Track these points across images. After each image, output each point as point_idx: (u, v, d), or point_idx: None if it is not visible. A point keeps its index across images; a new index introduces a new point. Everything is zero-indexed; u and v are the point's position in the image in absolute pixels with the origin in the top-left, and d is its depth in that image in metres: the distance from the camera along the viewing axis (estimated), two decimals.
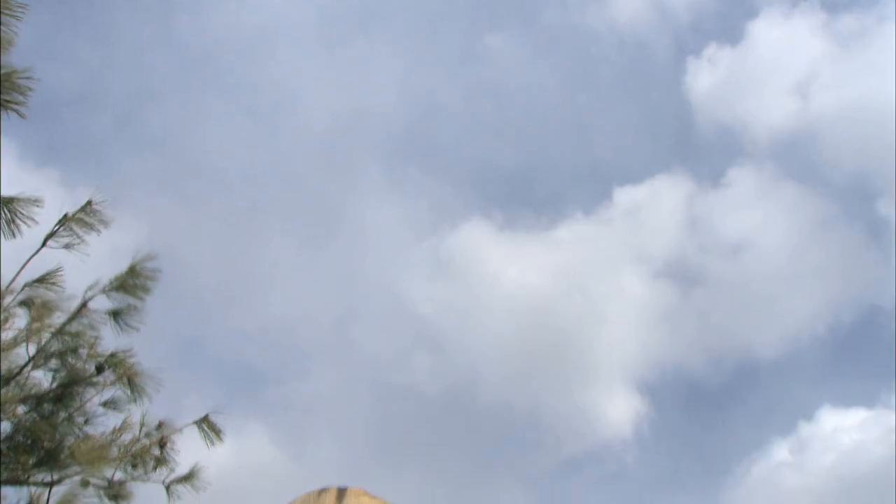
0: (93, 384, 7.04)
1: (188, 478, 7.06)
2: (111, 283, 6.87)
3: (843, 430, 79.81)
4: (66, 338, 6.95)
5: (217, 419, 7.15)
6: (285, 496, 25.12)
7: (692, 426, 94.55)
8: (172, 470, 7.05)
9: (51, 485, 7.01)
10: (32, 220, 6.44)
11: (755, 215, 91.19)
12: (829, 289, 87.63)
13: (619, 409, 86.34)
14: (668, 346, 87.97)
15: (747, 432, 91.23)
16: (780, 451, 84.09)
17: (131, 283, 6.95)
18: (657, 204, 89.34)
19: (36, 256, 6.97)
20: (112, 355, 7.10)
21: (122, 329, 7.06)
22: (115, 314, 6.97)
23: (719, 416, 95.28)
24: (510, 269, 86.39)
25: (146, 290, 6.96)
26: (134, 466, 6.97)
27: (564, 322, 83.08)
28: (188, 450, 7.30)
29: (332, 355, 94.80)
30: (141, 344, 7.17)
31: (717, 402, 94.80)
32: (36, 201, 6.47)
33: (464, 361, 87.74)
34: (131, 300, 6.97)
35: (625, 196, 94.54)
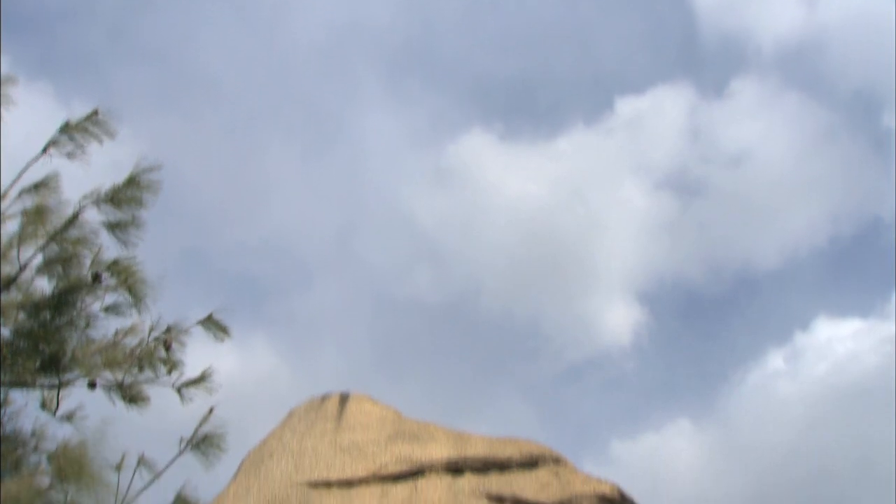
0: (92, 291, 6.88)
1: (199, 380, 6.97)
2: (108, 192, 6.66)
3: (837, 340, 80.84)
4: (63, 245, 6.76)
5: (221, 317, 7.02)
6: (290, 404, 25.53)
7: (690, 335, 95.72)
8: (181, 373, 6.96)
9: (58, 387, 6.93)
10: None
11: (757, 126, 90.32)
12: (829, 200, 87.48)
13: (618, 319, 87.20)
14: (668, 256, 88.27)
15: (744, 341, 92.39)
16: (776, 360, 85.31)
17: (130, 193, 6.73)
18: (659, 114, 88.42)
19: (37, 167, 6.77)
20: (112, 263, 6.92)
21: (119, 240, 6.87)
22: (113, 226, 6.77)
23: (717, 326, 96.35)
24: (511, 179, 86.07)
25: (145, 202, 6.74)
26: (140, 369, 6.87)
27: (565, 232, 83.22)
28: (195, 354, 7.20)
29: (334, 267, 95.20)
30: (142, 256, 7.00)
31: (714, 311, 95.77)
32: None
33: (464, 272, 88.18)
34: (130, 211, 6.77)
35: (626, 106, 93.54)
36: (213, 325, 7.31)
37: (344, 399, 24.99)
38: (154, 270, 7.04)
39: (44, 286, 6.78)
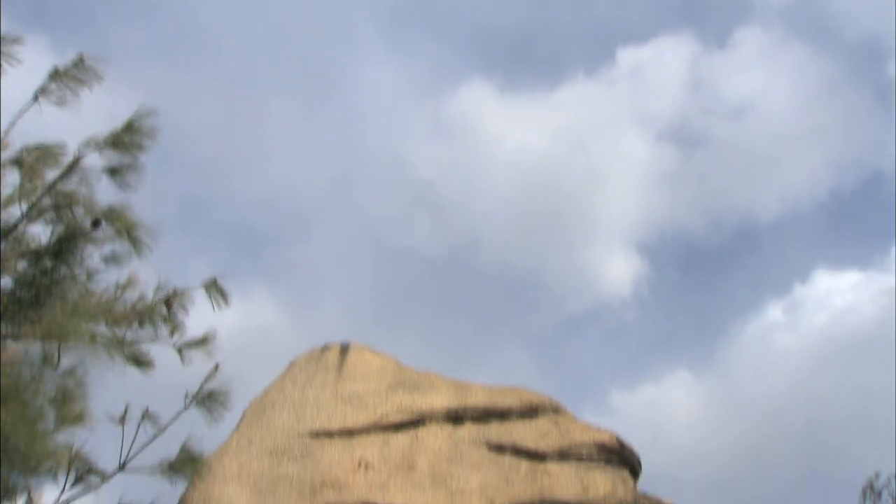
0: (91, 239, 6.86)
1: (201, 342, 6.98)
2: (107, 138, 6.61)
3: (836, 292, 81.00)
4: (59, 194, 6.73)
5: (224, 282, 7.03)
6: (290, 355, 25.64)
7: (690, 286, 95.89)
8: (182, 333, 6.97)
9: (59, 342, 6.94)
10: (16, 59, 6.18)
11: (760, 77, 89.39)
12: (831, 152, 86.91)
13: (618, 270, 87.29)
14: (669, 207, 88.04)
15: (743, 293, 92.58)
16: (774, 312, 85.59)
17: (129, 139, 6.69)
18: (661, 65, 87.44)
19: (28, 117, 6.71)
20: (109, 209, 6.88)
21: (119, 187, 6.84)
22: (113, 171, 6.73)
23: (716, 277, 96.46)
24: (511, 130, 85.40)
25: (144, 147, 6.70)
26: (141, 325, 6.88)
27: (565, 183, 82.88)
28: (196, 314, 7.20)
29: (333, 218, 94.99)
30: (143, 208, 6.98)
31: (714, 263, 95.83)
32: (15, 39, 6.20)
33: (465, 223, 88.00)
34: (128, 157, 6.73)
35: (628, 56, 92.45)
36: (216, 290, 7.29)
37: (344, 349, 25.08)
38: (153, 218, 7.01)
39: (43, 234, 6.76)
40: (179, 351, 6.91)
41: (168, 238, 7.11)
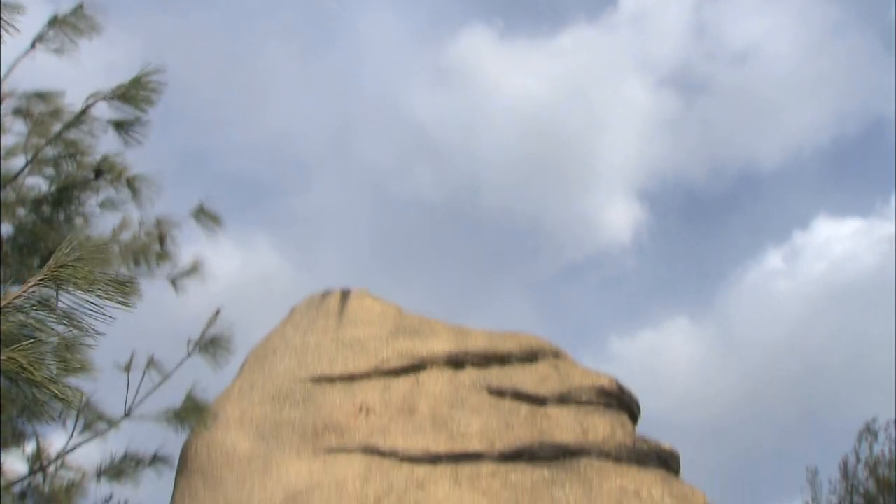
0: (91, 188, 6.83)
1: (191, 271, 7.01)
2: (114, 91, 6.54)
3: (836, 240, 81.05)
4: (64, 144, 6.68)
5: (212, 207, 7.00)
6: (292, 303, 25.72)
7: (690, 234, 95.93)
8: (176, 265, 6.99)
9: (57, 286, 6.91)
10: (13, 27, 6.09)
11: (764, 22, 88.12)
12: (835, 98, 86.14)
13: (619, 217, 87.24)
14: (670, 154, 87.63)
15: (743, 240, 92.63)
16: (774, 259, 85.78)
17: (135, 93, 6.62)
18: (663, 10, 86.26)
19: (25, 64, 6.63)
20: (106, 158, 6.84)
21: (125, 140, 6.79)
22: (119, 124, 6.68)
23: (717, 225, 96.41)
24: (511, 77, 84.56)
25: (150, 101, 6.64)
26: (136, 263, 6.89)
27: (566, 130, 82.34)
28: (192, 248, 7.20)
29: (333, 166, 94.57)
30: (142, 158, 6.93)
31: (715, 210, 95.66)
32: (16, 8, 6.10)
33: (465, 170, 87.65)
34: (134, 111, 6.67)
35: (630, 1, 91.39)
36: (205, 215, 7.30)
37: (345, 295, 25.14)
38: (152, 169, 6.98)
39: (44, 183, 6.74)
40: (173, 282, 6.94)
41: (167, 189, 7.10)
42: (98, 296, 6.16)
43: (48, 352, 6.48)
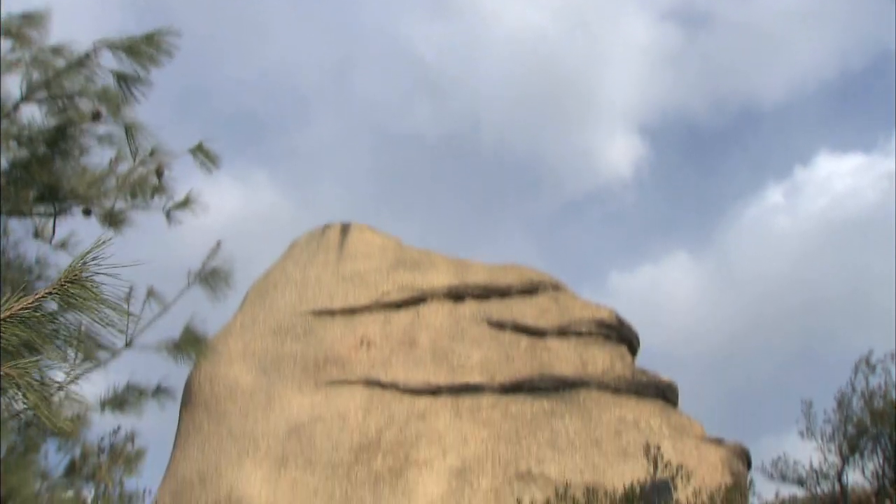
0: (90, 128, 6.73)
1: (185, 203, 6.94)
2: (123, 42, 6.38)
3: (837, 176, 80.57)
4: (63, 83, 6.55)
5: (212, 146, 6.90)
6: (292, 239, 25.68)
7: (690, 169, 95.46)
8: (171, 198, 6.92)
9: (54, 216, 6.88)
10: None
11: None
12: (840, 32, 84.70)
13: (619, 152, 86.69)
14: (671, 89, 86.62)
15: (743, 176, 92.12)
16: (775, 195, 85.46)
17: (145, 49, 6.44)
18: None
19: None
20: (106, 92, 6.70)
21: (125, 95, 6.65)
22: (121, 77, 6.53)
23: (717, 160, 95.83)
24: (511, 10, 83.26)
25: (156, 61, 6.48)
26: (133, 196, 6.82)
27: (566, 64, 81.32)
28: (191, 183, 7.13)
29: (332, 101, 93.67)
30: (141, 96, 6.80)
31: (716, 145, 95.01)
32: None
33: (464, 105, 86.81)
34: (143, 66, 6.51)
35: None
36: (203, 153, 7.19)
37: (345, 229, 25.09)
38: (153, 110, 6.88)
39: (41, 119, 6.63)
40: (167, 213, 6.89)
41: (166, 128, 7.00)
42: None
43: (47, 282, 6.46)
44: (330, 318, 22.67)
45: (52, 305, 6.56)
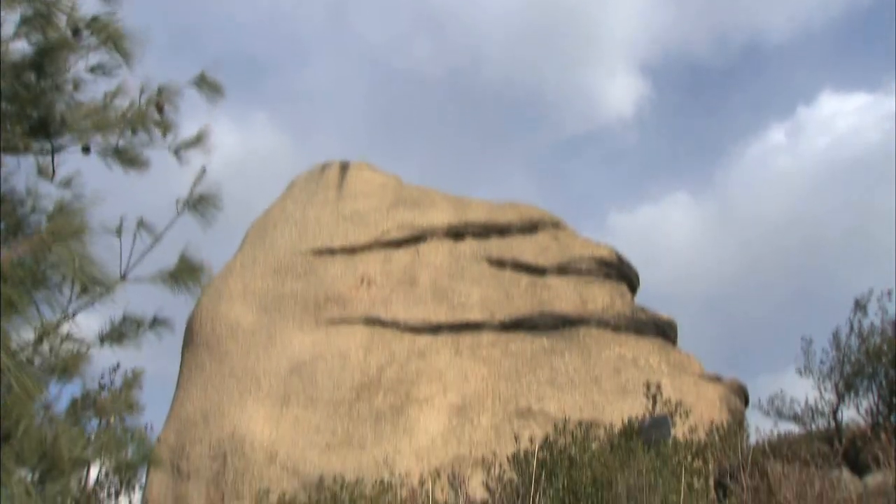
0: (74, 50, 6.55)
1: (196, 141, 6.81)
2: None
3: (840, 115, 79.79)
4: (38, 3, 6.37)
5: (214, 76, 6.76)
6: (291, 179, 25.52)
7: (692, 108, 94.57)
8: (176, 135, 6.79)
9: (52, 153, 6.79)
10: None
11: None
12: None
13: (620, 91, 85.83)
14: (673, 26, 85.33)
15: (746, 116, 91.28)
16: (777, 135, 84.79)
17: None
18: None
19: None
20: (93, 19, 6.53)
21: (107, 2, 6.48)
22: None
23: (720, 100, 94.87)
24: None
25: None
26: (134, 132, 6.69)
27: (567, 0, 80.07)
28: (191, 124, 7.00)
29: (331, 41, 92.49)
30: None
31: (718, 84, 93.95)
32: None
33: (465, 41, 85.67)
34: None
35: None
36: (206, 84, 7.06)
37: (344, 167, 24.93)
38: (148, 52, 6.71)
39: (23, 47, 6.47)
40: (175, 152, 6.77)
41: (163, 69, 6.86)
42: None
43: (41, 218, 6.40)
44: (330, 257, 22.66)
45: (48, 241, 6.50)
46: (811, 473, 10.78)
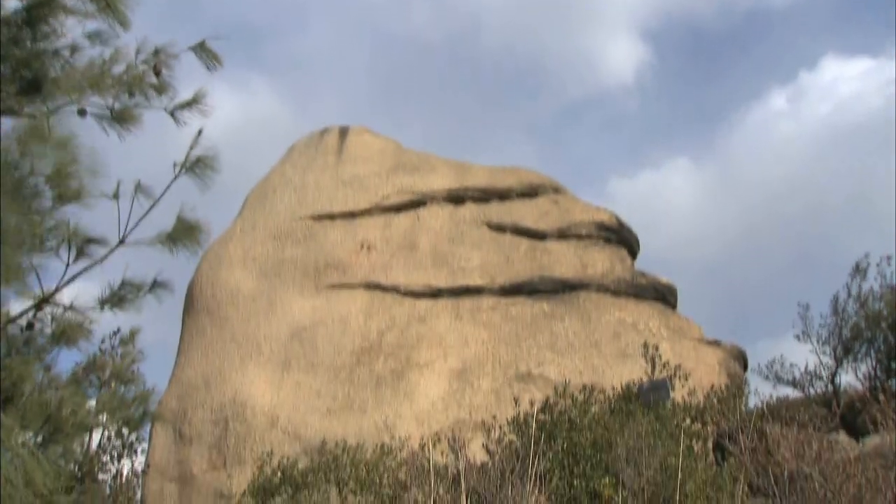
0: (67, 10, 6.47)
1: (193, 102, 6.75)
2: None
3: (843, 80, 79.15)
4: None
5: (214, 45, 6.69)
6: (291, 145, 25.39)
7: (694, 74, 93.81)
8: (173, 97, 6.73)
9: (47, 116, 6.72)
10: None
11: None
12: None
13: (622, 56, 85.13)
14: None
15: (748, 81, 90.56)
16: (778, 100, 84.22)
17: None
18: None
19: None
20: None
21: None
22: None
23: (722, 65, 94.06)
24: None
25: None
26: (131, 95, 6.63)
27: None
28: (190, 89, 6.94)
29: (330, 5, 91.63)
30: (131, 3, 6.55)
31: (721, 50, 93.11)
32: None
33: (465, 7, 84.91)
34: None
35: None
36: (205, 51, 6.98)
37: (343, 132, 24.81)
38: (141, 15, 6.62)
39: (15, 5, 6.39)
40: (172, 114, 6.71)
41: (160, 35, 6.78)
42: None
43: (39, 182, 6.36)
44: (330, 223, 22.63)
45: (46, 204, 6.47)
46: (809, 435, 10.85)
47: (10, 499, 5.53)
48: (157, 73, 6.71)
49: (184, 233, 6.54)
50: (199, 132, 6.60)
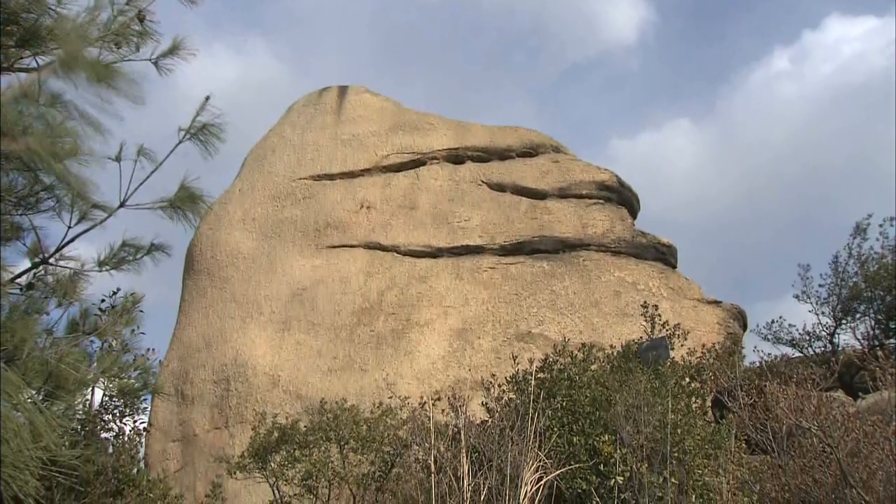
0: None
1: (172, 50, 6.69)
2: None
3: (846, 41, 78.48)
4: None
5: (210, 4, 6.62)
6: (289, 104, 25.27)
7: (696, 34, 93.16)
8: (158, 44, 6.66)
9: (38, 70, 6.64)
10: None
11: None
12: None
13: (624, 16, 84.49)
14: None
15: (750, 42, 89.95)
16: (781, 61, 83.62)
17: None
18: None
19: None
20: None
21: None
22: None
23: (724, 25, 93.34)
24: None
25: None
26: (118, 46, 6.56)
27: None
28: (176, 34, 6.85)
29: None
30: None
31: (723, 9, 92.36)
32: None
33: None
34: None
35: None
36: None
37: (342, 92, 24.65)
38: None
39: None
40: (155, 63, 6.66)
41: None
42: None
43: (40, 138, 6.31)
44: (329, 183, 22.58)
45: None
46: (808, 391, 10.91)
47: (19, 453, 5.56)
48: (142, 20, 6.64)
49: (185, 200, 6.52)
50: (207, 98, 6.55)
